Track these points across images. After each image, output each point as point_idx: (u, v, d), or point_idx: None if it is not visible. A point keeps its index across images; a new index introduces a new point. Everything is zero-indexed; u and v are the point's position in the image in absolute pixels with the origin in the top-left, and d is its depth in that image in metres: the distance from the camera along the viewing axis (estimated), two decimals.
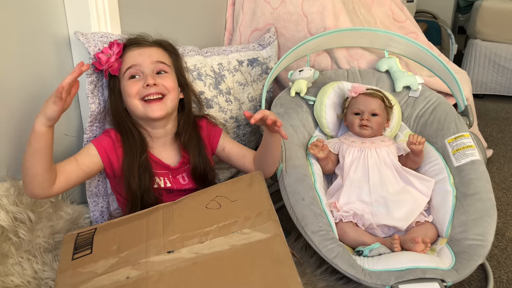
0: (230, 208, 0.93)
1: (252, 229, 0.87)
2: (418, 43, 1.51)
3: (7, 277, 0.99)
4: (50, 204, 1.15)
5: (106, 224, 1.00)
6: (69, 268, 0.89)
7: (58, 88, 0.91)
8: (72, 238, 0.97)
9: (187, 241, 0.87)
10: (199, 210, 0.95)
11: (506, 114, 2.64)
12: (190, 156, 1.18)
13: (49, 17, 1.12)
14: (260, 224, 0.88)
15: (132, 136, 1.12)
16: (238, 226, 0.88)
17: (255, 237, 0.86)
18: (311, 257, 1.25)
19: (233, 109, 1.52)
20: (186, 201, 0.99)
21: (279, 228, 0.87)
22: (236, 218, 0.90)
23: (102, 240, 0.94)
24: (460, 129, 1.33)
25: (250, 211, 0.91)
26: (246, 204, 0.93)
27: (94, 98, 1.15)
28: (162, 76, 1.13)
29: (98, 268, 0.87)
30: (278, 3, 1.67)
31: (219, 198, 0.96)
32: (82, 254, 0.91)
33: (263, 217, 0.89)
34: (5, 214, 1.03)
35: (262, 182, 0.99)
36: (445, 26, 2.89)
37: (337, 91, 1.46)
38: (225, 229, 0.88)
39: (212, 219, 0.91)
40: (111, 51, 1.11)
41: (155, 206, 1.00)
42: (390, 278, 1.00)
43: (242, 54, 1.58)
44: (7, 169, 1.09)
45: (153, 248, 0.88)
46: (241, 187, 0.99)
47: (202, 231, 0.88)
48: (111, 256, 0.88)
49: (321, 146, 1.32)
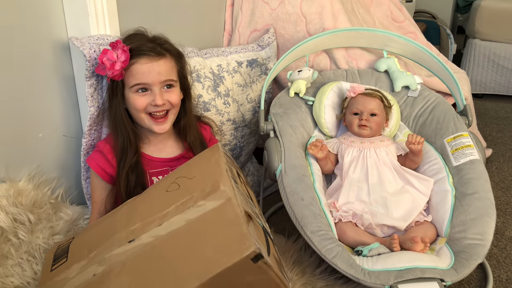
0: (188, 186, 0.91)
1: (206, 200, 0.84)
2: (417, 43, 1.51)
3: (7, 278, 0.99)
4: (49, 205, 1.15)
5: (83, 231, 1.03)
6: (48, 279, 0.91)
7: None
8: (52, 252, 1.00)
9: (147, 227, 0.86)
10: (159, 195, 0.94)
11: (505, 114, 2.64)
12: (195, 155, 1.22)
13: (49, 19, 1.12)
14: (214, 192, 0.85)
15: (128, 140, 1.14)
16: (194, 201, 0.86)
17: (209, 207, 0.83)
18: (310, 256, 1.25)
19: (231, 111, 1.52)
20: (149, 189, 0.99)
21: (232, 192, 0.84)
22: (192, 194, 0.87)
23: (76, 247, 0.96)
24: (459, 128, 1.34)
25: (205, 184, 0.88)
26: (203, 178, 0.91)
27: (93, 101, 1.15)
28: (168, 91, 1.14)
29: (71, 272, 0.88)
30: (277, 3, 1.67)
31: (179, 180, 0.94)
32: (59, 263, 0.93)
33: (216, 186, 0.86)
34: (5, 215, 1.03)
35: (219, 153, 0.95)
36: (444, 26, 2.90)
37: (336, 91, 1.46)
38: (182, 206, 0.86)
39: (171, 201, 0.89)
40: (115, 55, 1.07)
41: (124, 202, 1.01)
42: (389, 278, 1.00)
43: (241, 55, 1.59)
44: (6, 170, 1.09)
45: (117, 242, 0.88)
46: (200, 163, 0.97)
47: (161, 214, 0.87)
48: (82, 259, 0.89)
49: (320, 146, 1.32)
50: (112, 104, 1.14)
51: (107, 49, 1.08)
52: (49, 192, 1.17)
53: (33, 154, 1.14)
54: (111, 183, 1.16)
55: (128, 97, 1.12)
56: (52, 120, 1.18)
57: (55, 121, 1.18)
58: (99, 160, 1.14)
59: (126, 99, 1.12)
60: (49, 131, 1.17)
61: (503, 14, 2.76)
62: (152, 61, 1.10)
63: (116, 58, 1.06)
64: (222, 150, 0.98)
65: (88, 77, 1.12)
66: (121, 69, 1.07)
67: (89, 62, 1.09)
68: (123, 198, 1.12)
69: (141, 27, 1.18)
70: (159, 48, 1.12)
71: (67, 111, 1.22)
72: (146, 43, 1.12)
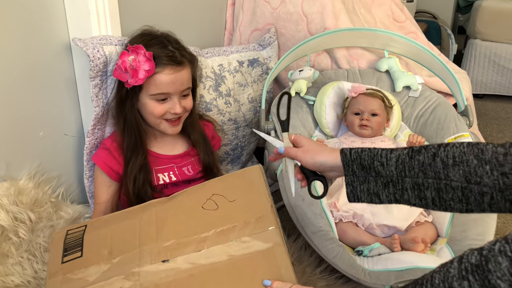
0: (228, 210, 0.87)
1: (251, 237, 0.81)
2: (418, 43, 1.51)
3: (7, 276, 0.99)
4: (50, 204, 1.15)
5: (97, 221, 0.95)
6: (59, 272, 0.84)
7: None
8: (61, 236, 0.92)
9: (183, 249, 0.82)
10: (195, 210, 0.89)
11: (506, 114, 2.64)
12: (199, 154, 1.24)
13: (50, 19, 1.12)
14: (260, 231, 0.82)
15: (140, 141, 1.14)
16: (237, 233, 0.82)
17: (254, 247, 0.81)
18: (310, 256, 1.25)
19: (232, 111, 1.52)
20: (180, 198, 0.93)
21: (280, 235, 0.82)
22: (235, 223, 0.84)
23: (93, 241, 0.88)
24: (460, 129, 1.34)
25: (249, 215, 0.85)
26: (245, 205, 0.87)
27: (98, 101, 1.15)
28: (184, 98, 1.16)
29: (89, 275, 0.82)
30: (278, 3, 1.67)
31: (216, 197, 0.90)
32: (72, 257, 0.86)
33: (263, 223, 0.83)
34: (5, 214, 1.03)
35: (261, 179, 0.92)
36: (445, 26, 2.90)
37: (337, 91, 1.46)
38: (223, 235, 0.82)
39: (209, 223, 0.85)
40: (137, 61, 1.06)
41: (147, 202, 0.96)
42: (390, 278, 1.00)
43: (243, 55, 1.58)
44: (7, 169, 1.09)
45: (146, 255, 0.82)
46: (240, 185, 0.92)
47: (199, 237, 0.83)
48: (102, 262, 0.83)
49: None
50: (124, 106, 1.13)
51: (126, 52, 1.06)
52: (50, 190, 1.17)
53: (34, 153, 1.14)
54: (117, 180, 1.16)
55: (145, 103, 1.12)
56: (53, 119, 1.18)
57: (56, 120, 1.18)
58: (105, 158, 1.14)
59: (142, 103, 1.12)
60: (50, 130, 1.17)
61: (504, 14, 2.76)
62: (175, 72, 1.10)
63: (139, 65, 1.06)
64: (262, 172, 0.94)
65: (92, 77, 1.11)
66: (145, 78, 1.06)
67: (93, 62, 1.09)
68: (131, 197, 1.13)
69: (150, 26, 1.16)
70: (178, 55, 1.12)
71: (68, 110, 1.22)
72: (164, 50, 1.10)
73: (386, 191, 0.76)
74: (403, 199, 0.75)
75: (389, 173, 0.75)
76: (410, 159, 0.73)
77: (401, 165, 0.74)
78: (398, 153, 0.75)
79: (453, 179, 0.69)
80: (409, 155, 0.74)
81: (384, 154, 0.76)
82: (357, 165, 0.77)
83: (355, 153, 0.78)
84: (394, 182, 0.75)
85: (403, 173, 0.74)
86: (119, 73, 1.08)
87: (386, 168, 0.75)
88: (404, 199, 0.75)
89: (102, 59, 1.10)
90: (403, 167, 0.73)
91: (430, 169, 0.71)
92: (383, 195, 0.76)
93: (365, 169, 0.77)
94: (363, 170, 0.77)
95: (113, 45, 1.13)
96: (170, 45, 1.12)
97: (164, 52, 1.09)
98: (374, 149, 0.77)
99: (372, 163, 0.76)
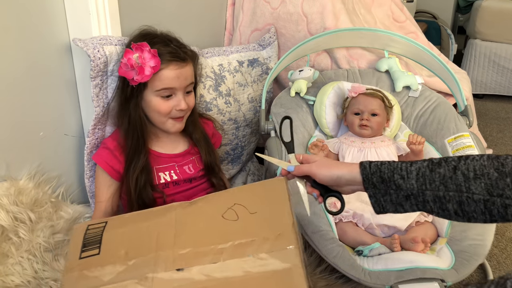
0: (248, 222, 0.84)
1: (269, 255, 0.78)
2: (418, 43, 1.51)
3: (7, 276, 0.99)
4: (50, 204, 1.15)
5: (117, 219, 0.95)
6: (76, 268, 0.84)
7: None
8: (81, 230, 0.92)
9: (199, 259, 0.80)
10: (215, 219, 0.86)
11: (506, 114, 2.65)
12: (201, 153, 1.24)
13: (50, 20, 1.12)
14: (279, 249, 0.79)
15: (142, 141, 1.15)
16: (255, 249, 0.79)
17: (271, 266, 0.77)
18: (310, 255, 1.25)
19: (232, 110, 1.52)
20: (201, 204, 0.91)
21: (299, 256, 0.78)
22: (254, 237, 0.81)
23: (111, 240, 0.88)
24: (460, 129, 1.34)
25: (269, 231, 0.82)
26: (266, 219, 0.84)
27: (99, 101, 1.15)
28: (188, 95, 1.17)
29: (104, 274, 0.82)
30: (278, 3, 1.67)
31: (237, 207, 0.88)
32: (90, 253, 0.86)
33: (282, 240, 0.80)
34: (5, 214, 1.03)
35: (285, 193, 0.89)
36: (445, 26, 2.90)
37: (337, 91, 1.46)
38: (240, 249, 0.80)
39: (227, 234, 0.83)
40: (143, 58, 1.07)
41: (169, 204, 0.94)
42: (390, 278, 1.00)
43: (243, 55, 1.58)
44: (7, 169, 1.09)
45: (162, 261, 0.81)
46: (263, 197, 0.90)
47: (216, 248, 0.81)
48: (118, 263, 0.83)
49: (321, 146, 1.32)
50: (128, 106, 1.13)
51: (130, 50, 1.07)
52: (50, 190, 1.17)
53: (34, 153, 1.14)
54: (118, 180, 1.16)
55: (151, 100, 1.12)
56: (53, 119, 1.18)
57: (56, 120, 1.18)
58: (106, 157, 1.15)
59: (147, 101, 1.13)
60: (50, 130, 1.17)
61: (504, 14, 2.76)
62: (180, 68, 1.12)
63: (145, 62, 1.07)
64: (287, 186, 0.90)
65: (93, 77, 1.11)
66: (151, 74, 1.07)
67: (93, 62, 1.09)
68: (132, 197, 1.13)
69: (149, 26, 1.17)
70: (181, 52, 1.13)
71: (68, 110, 1.22)
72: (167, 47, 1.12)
73: (408, 203, 0.76)
74: (425, 209, 0.76)
75: (409, 187, 0.75)
76: (431, 172, 0.73)
77: (421, 178, 0.74)
78: (418, 165, 0.75)
79: (475, 192, 0.70)
80: (429, 168, 0.74)
81: (404, 167, 0.76)
82: (376, 178, 0.77)
83: (374, 166, 0.78)
84: (415, 195, 0.75)
85: (423, 186, 0.74)
86: (124, 70, 1.08)
87: (406, 181, 0.75)
88: (426, 209, 0.76)
89: (102, 59, 1.10)
90: (424, 180, 0.74)
91: (451, 182, 0.72)
92: (406, 205, 0.77)
93: (385, 182, 0.77)
94: (383, 183, 0.77)
95: (113, 45, 1.13)
96: (171, 43, 1.14)
97: (167, 50, 1.11)
98: (394, 162, 0.78)
99: (392, 176, 0.76)
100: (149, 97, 1.12)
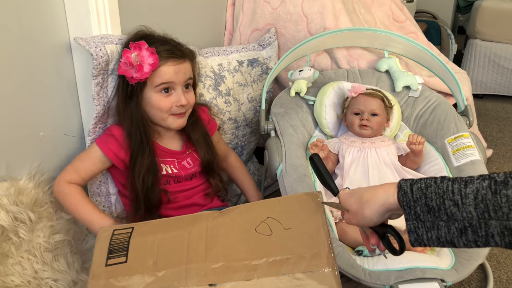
0: (282, 238, 0.81)
1: (306, 275, 0.75)
2: (418, 43, 1.51)
3: (7, 276, 0.99)
4: (50, 204, 1.15)
5: (144, 225, 0.92)
6: (102, 275, 0.81)
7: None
8: (107, 236, 0.89)
9: (232, 274, 0.77)
10: (247, 232, 0.83)
11: (506, 114, 2.65)
12: (199, 153, 1.25)
13: (50, 19, 1.12)
14: (316, 269, 0.75)
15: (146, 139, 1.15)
16: (291, 267, 0.76)
17: (308, 287, 0.74)
18: None
19: (232, 110, 1.52)
20: (233, 215, 0.88)
21: (337, 279, 0.74)
22: (289, 255, 0.77)
23: (138, 248, 0.85)
24: (460, 129, 1.34)
25: (305, 249, 0.78)
26: (301, 236, 0.81)
27: (99, 100, 1.15)
28: (187, 91, 1.18)
29: (132, 285, 0.79)
30: (278, 3, 1.67)
31: (270, 221, 0.84)
32: (117, 261, 0.83)
33: (319, 261, 0.76)
34: (5, 214, 1.03)
35: (320, 208, 0.85)
36: (445, 26, 2.90)
37: (337, 91, 1.46)
38: (275, 266, 0.76)
39: (261, 249, 0.79)
40: (141, 56, 1.08)
41: (198, 213, 0.92)
42: (390, 278, 1.00)
43: (242, 55, 1.59)
44: (7, 169, 1.09)
45: (193, 275, 0.78)
46: (297, 211, 0.86)
47: (249, 264, 0.77)
48: (147, 273, 0.80)
49: (321, 146, 1.32)
50: (129, 104, 1.14)
51: (128, 49, 1.09)
52: (50, 190, 1.16)
53: (34, 153, 1.14)
54: (122, 167, 1.16)
55: (151, 97, 1.13)
56: (53, 118, 1.18)
57: (56, 120, 1.18)
58: (111, 145, 1.14)
59: (147, 99, 1.14)
60: (50, 130, 1.17)
61: (503, 14, 2.76)
62: (178, 63, 1.14)
63: (143, 59, 1.08)
64: (322, 203, 0.87)
65: (94, 76, 1.12)
66: (150, 72, 1.09)
67: (96, 61, 1.10)
68: (140, 198, 1.14)
69: (146, 26, 1.19)
70: (178, 50, 1.16)
71: (68, 109, 1.22)
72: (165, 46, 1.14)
73: (464, 239, 0.59)
74: (488, 245, 0.59)
75: (466, 216, 0.58)
76: (494, 194, 0.56)
77: (482, 204, 0.57)
78: (475, 186, 0.58)
79: None
80: (491, 189, 0.57)
81: (457, 189, 0.59)
82: (421, 207, 0.62)
83: (418, 190, 0.62)
84: (475, 227, 0.58)
85: (486, 215, 0.57)
86: (124, 69, 1.09)
87: (462, 209, 0.58)
88: (490, 245, 0.59)
89: (104, 58, 1.11)
90: (486, 206, 0.57)
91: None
92: (459, 243, 0.60)
93: (432, 211, 0.61)
94: (429, 212, 0.61)
95: (114, 44, 1.14)
96: (168, 42, 1.16)
97: (165, 48, 1.13)
98: (442, 183, 0.61)
99: (442, 202, 0.60)
100: (149, 94, 1.13)
